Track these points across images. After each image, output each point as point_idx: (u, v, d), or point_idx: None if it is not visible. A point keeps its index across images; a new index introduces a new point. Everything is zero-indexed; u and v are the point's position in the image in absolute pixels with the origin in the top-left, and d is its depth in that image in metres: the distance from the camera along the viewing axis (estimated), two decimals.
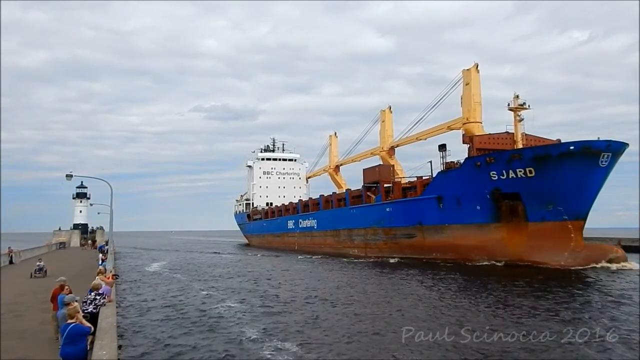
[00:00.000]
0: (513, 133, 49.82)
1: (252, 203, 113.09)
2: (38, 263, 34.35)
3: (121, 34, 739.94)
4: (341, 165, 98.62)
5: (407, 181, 57.51)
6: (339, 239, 66.84)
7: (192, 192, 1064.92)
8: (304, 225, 78.69)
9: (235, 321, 21.67)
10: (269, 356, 16.06)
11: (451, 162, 49.07)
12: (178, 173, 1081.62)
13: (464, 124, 59.65)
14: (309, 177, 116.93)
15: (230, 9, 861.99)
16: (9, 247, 48.91)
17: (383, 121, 79.83)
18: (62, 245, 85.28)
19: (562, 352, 15.95)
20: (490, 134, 50.18)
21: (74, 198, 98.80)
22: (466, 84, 60.33)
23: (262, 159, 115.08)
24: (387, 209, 55.66)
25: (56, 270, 33.50)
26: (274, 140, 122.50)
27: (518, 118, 49.19)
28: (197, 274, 44.60)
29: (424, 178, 53.86)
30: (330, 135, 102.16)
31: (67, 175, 45.69)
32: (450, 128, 65.15)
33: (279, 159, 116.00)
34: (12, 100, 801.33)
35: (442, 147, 50.81)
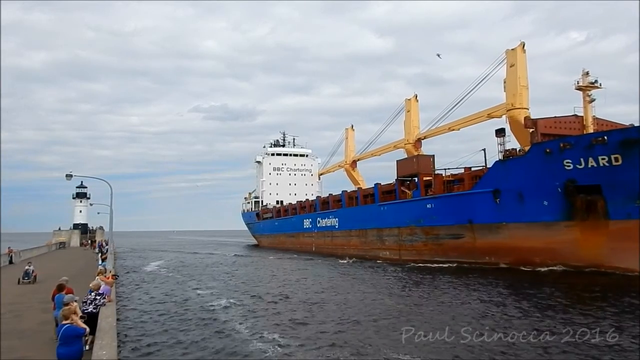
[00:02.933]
0: (582, 116, 42.74)
1: (262, 201, 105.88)
2: (27, 267, 29.59)
3: (121, 35, 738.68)
4: (358, 160, 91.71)
5: (449, 174, 50.24)
6: (366, 239, 59.63)
7: (192, 192, 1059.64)
8: (323, 225, 71.45)
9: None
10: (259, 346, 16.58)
11: (512, 149, 41.88)
12: (178, 173, 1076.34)
13: (507, 110, 52.73)
14: (321, 174, 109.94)
15: (230, 11, 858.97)
16: (9, 247, 48.08)
17: (408, 111, 72.94)
18: (62, 245, 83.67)
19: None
20: (556, 117, 42.92)
21: (73, 198, 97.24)
22: (510, 66, 53.43)
23: (272, 154, 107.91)
24: (428, 206, 48.46)
25: (51, 273, 30.90)
26: (284, 134, 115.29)
27: (588, 98, 42.04)
28: (207, 280, 38.58)
29: (472, 169, 46.73)
30: (347, 129, 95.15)
31: (66, 175, 45.19)
32: (490, 116, 58.22)
33: (290, 155, 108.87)
34: (13, 101, 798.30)
35: (500, 132, 43.57)
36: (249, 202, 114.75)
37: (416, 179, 51.22)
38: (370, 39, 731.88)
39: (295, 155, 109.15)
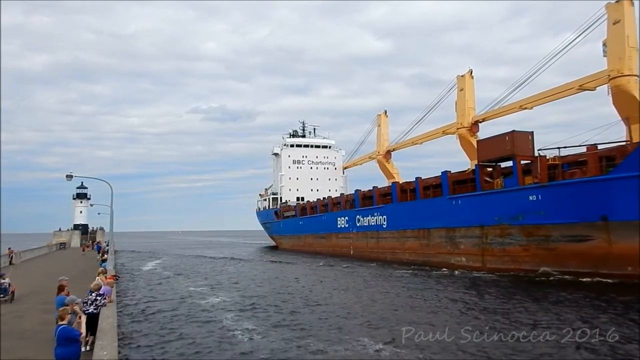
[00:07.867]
0: None
1: (281, 198, 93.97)
2: (1, 281, 21.77)
3: (122, 37, 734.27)
4: (394, 150, 79.71)
5: (553, 155, 38.21)
6: (429, 241, 47.67)
7: (192, 192, 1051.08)
8: (365, 224, 59.48)
9: None
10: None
11: None
12: (178, 173, 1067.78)
13: (610, 78, 41.11)
14: (345, 168, 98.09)
15: (230, 13, 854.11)
16: (9, 248, 47.59)
17: (462, 89, 60.77)
18: (62, 245, 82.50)
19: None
20: None
21: (74, 198, 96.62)
22: (613, 23, 41.77)
23: (291, 146, 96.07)
24: (532, 197, 36.53)
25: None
26: (303, 123, 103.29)
27: None
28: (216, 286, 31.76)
29: (599, 148, 34.87)
30: (379, 115, 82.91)
31: (67, 176, 44.86)
32: (581, 88, 46.62)
33: (311, 146, 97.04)
34: (14, 102, 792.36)
35: None
36: (265, 200, 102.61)
37: (511, 162, 39.20)
38: (369, 40, 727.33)
39: (317, 146, 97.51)
